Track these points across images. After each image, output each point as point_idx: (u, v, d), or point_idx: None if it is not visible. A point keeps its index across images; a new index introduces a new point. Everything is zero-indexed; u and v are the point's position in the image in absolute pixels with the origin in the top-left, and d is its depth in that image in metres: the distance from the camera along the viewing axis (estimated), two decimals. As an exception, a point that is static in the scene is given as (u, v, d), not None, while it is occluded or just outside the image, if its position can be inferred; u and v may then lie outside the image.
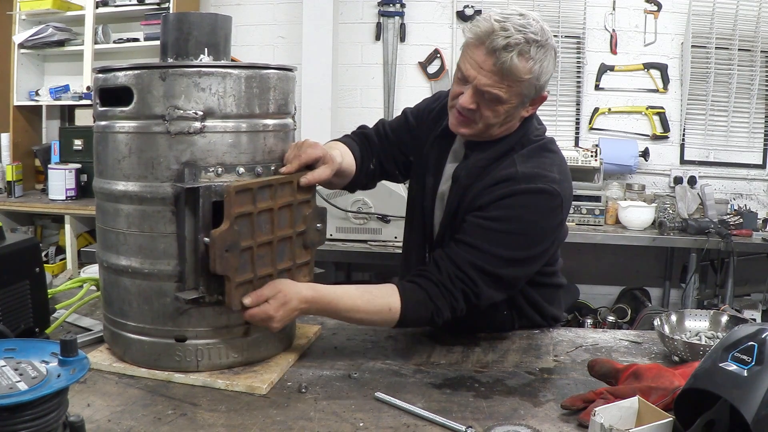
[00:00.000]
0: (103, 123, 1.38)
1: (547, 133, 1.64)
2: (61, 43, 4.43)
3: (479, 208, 1.50)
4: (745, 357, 1.01)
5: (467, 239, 1.47)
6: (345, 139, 1.77)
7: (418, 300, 1.45)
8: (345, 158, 1.64)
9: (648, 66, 4.20)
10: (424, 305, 1.44)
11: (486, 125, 1.51)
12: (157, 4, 4.32)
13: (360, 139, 1.78)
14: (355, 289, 1.46)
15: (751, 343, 1.03)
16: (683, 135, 4.21)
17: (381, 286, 1.48)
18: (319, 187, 1.49)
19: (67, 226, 4.05)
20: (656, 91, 4.21)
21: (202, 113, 1.30)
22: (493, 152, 1.55)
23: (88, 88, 4.27)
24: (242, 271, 1.32)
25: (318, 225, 1.46)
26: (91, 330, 1.59)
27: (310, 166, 1.43)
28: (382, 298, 1.45)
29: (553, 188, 1.49)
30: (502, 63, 1.40)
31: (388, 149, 1.78)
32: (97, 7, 4.33)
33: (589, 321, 3.82)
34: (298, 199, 1.41)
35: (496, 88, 1.44)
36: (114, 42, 4.44)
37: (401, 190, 3.06)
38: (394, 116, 4.71)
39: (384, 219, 3.20)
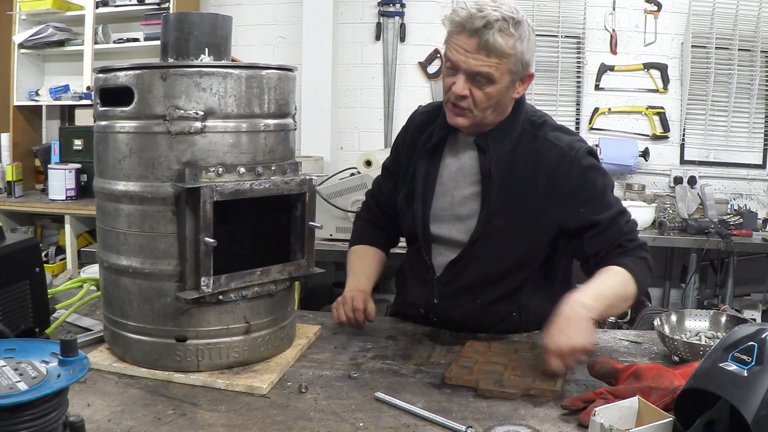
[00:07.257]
0: (103, 123, 1.38)
1: None
2: (61, 43, 4.42)
3: (575, 194, 1.57)
4: (745, 357, 1.01)
5: (602, 217, 1.61)
6: (367, 237, 1.86)
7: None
8: (372, 275, 1.77)
9: (648, 66, 4.19)
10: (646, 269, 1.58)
11: (481, 110, 1.54)
12: (157, 4, 4.32)
13: (376, 225, 1.87)
14: (607, 286, 1.51)
15: (751, 343, 1.03)
16: (683, 135, 4.20)
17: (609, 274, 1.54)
18: (319, 187, 1.49)
19: (67, 226, 4.05)
20: (656, 91, 4.21)
21: (202, 113, 1.31)
22: (509, 139, 1.59)
23: (88, 88, 4.27)
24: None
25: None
26: (91, 330, 1.59)
27: None
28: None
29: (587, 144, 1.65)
30: (486, 41, 1.46)
31: (392, 210, 1.82)
32: (97, 7, 4.33)
33: (589, 321, 3.81)
34: None
35: (485, 66, 1.48)
36: (114, 42, 4.43)
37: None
38: (394, 116, 4.68)
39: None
